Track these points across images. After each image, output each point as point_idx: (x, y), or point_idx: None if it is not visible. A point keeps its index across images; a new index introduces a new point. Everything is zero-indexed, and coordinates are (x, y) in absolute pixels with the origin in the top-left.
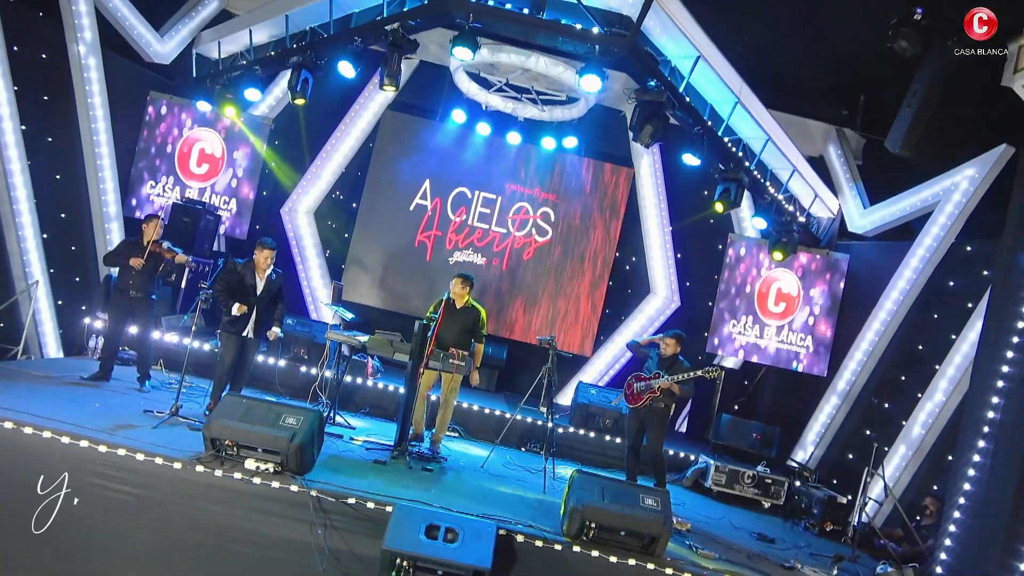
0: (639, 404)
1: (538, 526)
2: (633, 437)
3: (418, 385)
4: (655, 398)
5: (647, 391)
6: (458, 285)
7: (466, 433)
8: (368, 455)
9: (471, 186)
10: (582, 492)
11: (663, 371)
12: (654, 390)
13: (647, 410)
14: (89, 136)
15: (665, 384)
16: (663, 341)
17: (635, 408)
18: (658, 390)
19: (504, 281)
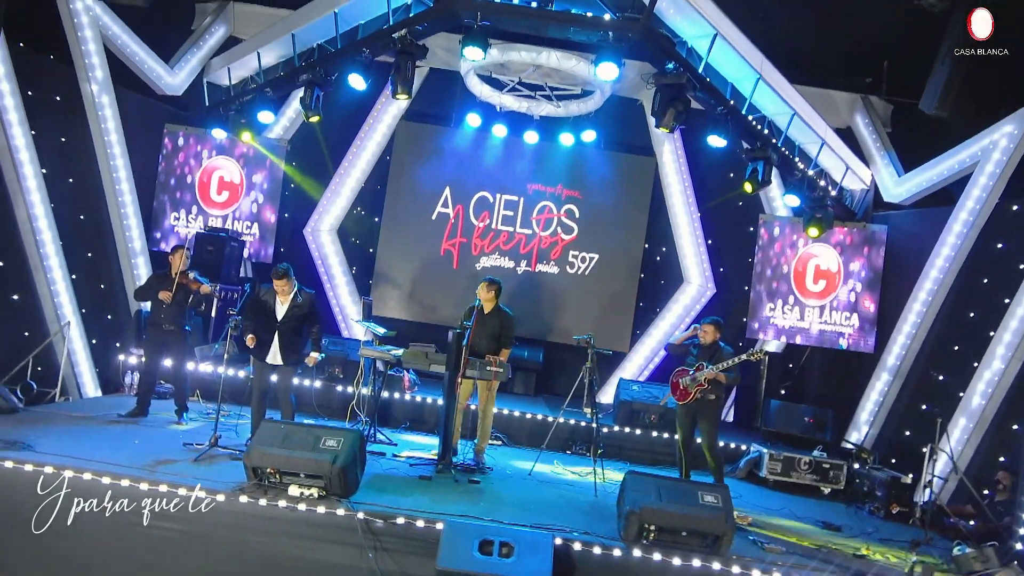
0: (688, 399)
1: (594, 532)
2: (685, 432)
3: (457, 396)
4: (703, 390)
5: (693, 385)
6: (484, 290)
7: (509, 440)
8: (412, 471)
9: (492, 189)
10: (637, 493)
11: (705, 361)
12: (700, 383)
13: (698, 404)
14: (109, 174)
15: (710, 374)
16: (700, 330)
17: (685, 404)
18: (704, 382)
19: (534, 283)
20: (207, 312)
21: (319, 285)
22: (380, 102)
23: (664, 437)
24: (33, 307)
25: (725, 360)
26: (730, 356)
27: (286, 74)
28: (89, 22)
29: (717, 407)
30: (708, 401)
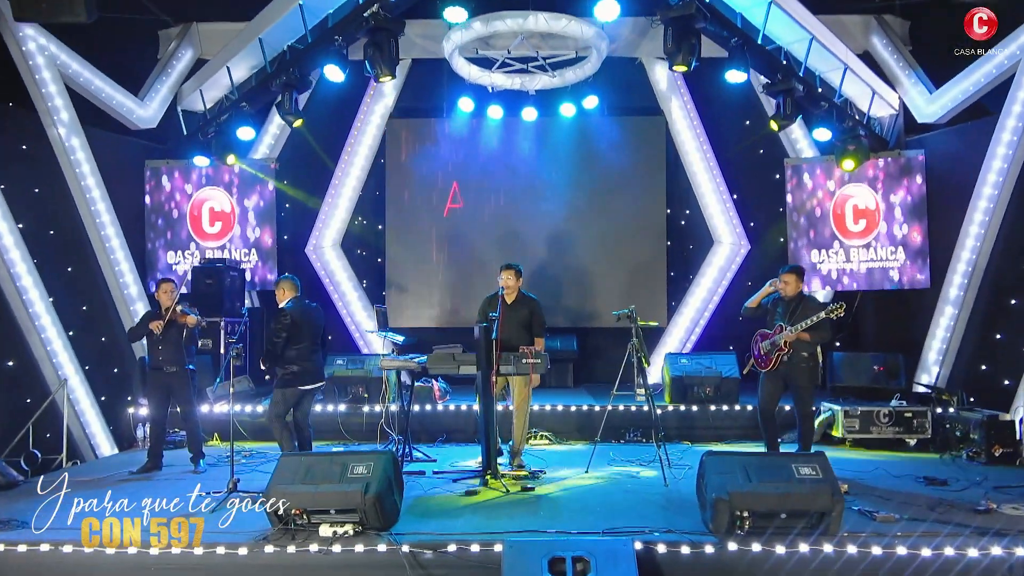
0: (771, 367)
1: (678, 529)
2: (768, 401)
3: (493, 396)
4: (787, 355)
5: (773, 350)
6: (511, 277)
7: (557, 438)
8: (457, 487)
9: (501, 176)
10: (721, 477)
11: (786, 321)
12: (780, 347)
13: (789, 370)
14: (91, 220)
15: (791, 337)
16: (780, 281)
17: (771, 371)
18: (785, 345)
19: (557, 267)
20: (215, 349)
21: (329, 304)
22: (365, 103)
23: (724, 409)
24: (31, 371)
25: (807, 318)
26: (814, 311)
27: (259, 83)
28: (46, 62)
29: (812, 370)
30: (800, 366)
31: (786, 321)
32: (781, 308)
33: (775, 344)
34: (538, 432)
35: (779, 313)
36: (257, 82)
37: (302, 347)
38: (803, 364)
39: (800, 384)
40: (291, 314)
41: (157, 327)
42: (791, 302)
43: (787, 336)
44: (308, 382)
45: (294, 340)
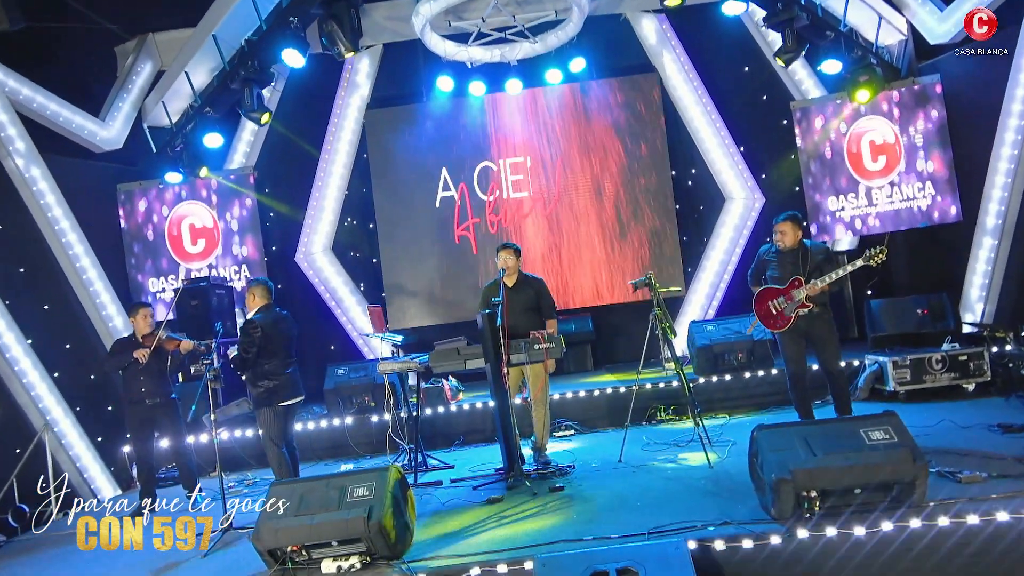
0: (790, 325)
1: (735, 519)
2: (798, 361)
3: (507, 389)
4: (807, 310)
5: (793, 307)
6: (510, 258)
7: (583, 427)
8: (478, 495)
9: (492, 157)
10: (779, 454)
11: (795, 272)
12: (802, 302)
13: (808, 324)
14: (63, 252)
15: (814, 289)
16: (776, 232)
17: (788, 330)
18: (808, 301)
19: (564, 245)
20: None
21: (328, 312)
22: (340, 96)
23: (760, 375)
24: (15, 420)
25: (833, 270)
26: (822, 253)
27: (220, 84)
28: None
29: (831, 320)
30: (818, 318)
31: (802, 273)
32: (778, 260)
33: (794, 300)
34: (562, 423)
35: (782, 266)
36: (219, 84)
37: (275, 361)
38: (824, 316)
39: (825, 337)
40: (261, 326)
41: (143, 356)
42: (790, 254)
43: (811, 289)
44: (286, 397)
45: (266, 354)
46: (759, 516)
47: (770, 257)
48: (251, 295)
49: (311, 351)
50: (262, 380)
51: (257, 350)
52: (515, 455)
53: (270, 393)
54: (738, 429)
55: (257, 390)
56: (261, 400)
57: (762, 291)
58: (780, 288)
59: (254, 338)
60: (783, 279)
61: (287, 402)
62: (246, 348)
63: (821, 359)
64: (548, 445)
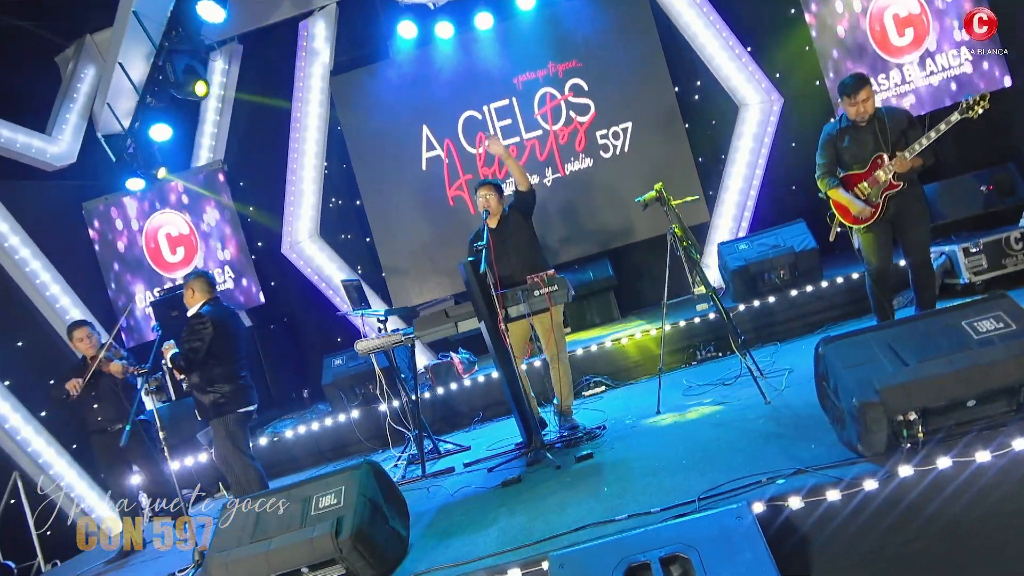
0: (877, 216)
1: (810, 465)
2: (884, 259)
3: (511, 349)
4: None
5: (879, 191)
6: (490, 195)
7: (616, 381)
8: (494, 478)
9: (475, 104)
10: (857, 369)
11: (883, 145)
12: (890, 184)
13: (898, 206)
14: (29, 283)
15: (905, 163)
16: (849, 102)
17: (878, 221)
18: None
19: (571, 189)
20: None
21: (327, 303)
22: (300, 68)
23: (808, 292)
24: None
25: (920, 136)
26: (904, 118)
27: (152, 67)
28: None
29: (923, 196)
30: (909, 195)
31: (884, 148)
32: (858, 137)
33: (880, 183)
34: (590, 380)
35: (859, 143)
36: (153, 69)
37: (228, 363)
38: (915, 191)
39: (917, 217)
40: (211, 320)
41: (74, 387)
42: (869, 124)
43: (899, 164)
44: (244, 403)
45: (217, 355)
46: (841, 456)
47: (841, 136)
48: (189, 290)
49: (315, 347)
50: (214, 385)
51: (207, 349)
52: (532, 426)
53: (227, 399)
54: (793, 354)
55: (209, 397)
56: (216, 408)
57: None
58: (860, 172)
59: (202, 334)
60: (863, 159)
61: (246, 408)
62: (193, 346)
63: (910, 246)
64: (573, 407)
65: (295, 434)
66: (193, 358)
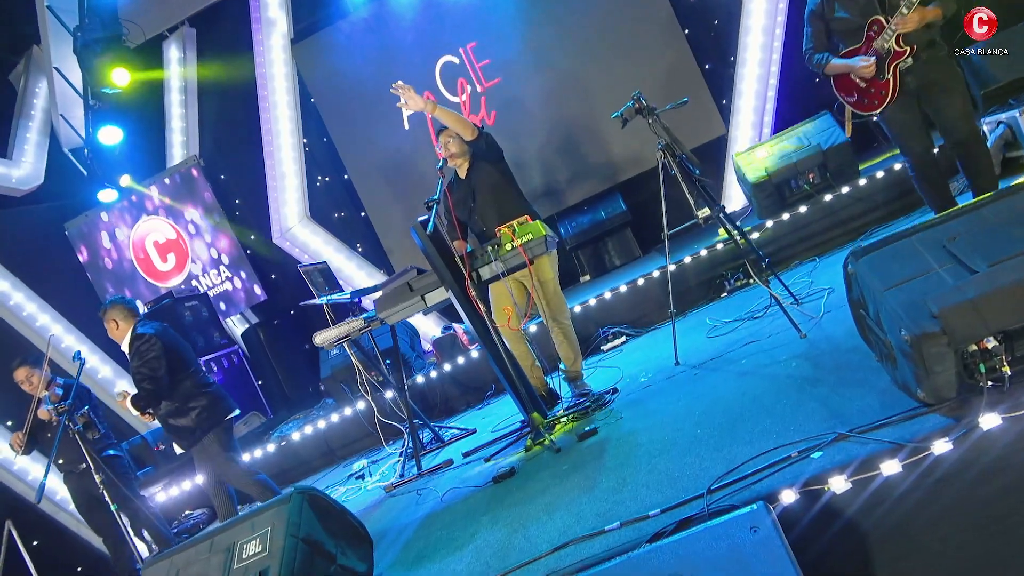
0: (894, 92)
1: (857, 428)
2: (917, 138)
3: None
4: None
5: (888, 60)
6: (452, 142)
7: (636, 330)
8: (490, 468)
9: (450, 48)
10: (905, 290)
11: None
12: (896, 51)
13: (919, 78)
14: (14, 316)
15: (910, 22)
16: None
17: (895, 101)
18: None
19: (566, 122)
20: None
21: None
22: (258, 42)
23: (844, 193)
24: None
25: None
26: None
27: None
28: None
29: (948, 59)
30: (930, 62)
31: (879, 11)
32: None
33: (884, 52)
34: (608, 332)
35: (851, 7)
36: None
37: (192, 374)
38: (937, 55)
39: (946, 86)
40: (156, 335)
41: (17, 443)
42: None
43: (902, 24)
44: (227, 409)
45: (179, 368)
46: (899, 404)
47: (829, 6)
48: (111, 323)
49: None
50: (189, 402)
51: (167, 366)
52: (529, 403)
53: (208, 411)
54: (834, 269)
55: (190, 416)
56: (202, 425)
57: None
58: (856, 47)
59: (156, 352)
60: (857, 29)
61: (230, 414)
62: (152, 369)
63: (944, 122)
64: (585, 367)
65: (302, 435)
66: (158, 383)
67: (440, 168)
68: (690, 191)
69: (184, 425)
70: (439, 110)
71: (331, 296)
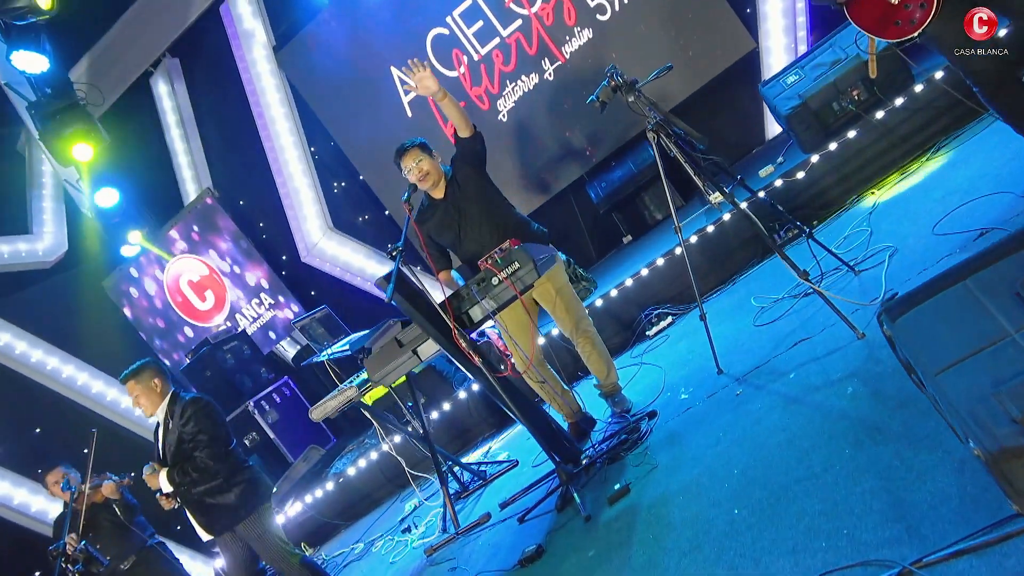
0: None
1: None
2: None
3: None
4: None
5: None
6: (423, 160)
7: (680, 306)
8: (524, 536)
9: (436, 20)
10: (964, 375)
11: None
12: None
13: None
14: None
15: None
16: None
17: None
18: None
19: (578, 74)
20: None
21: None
22: (240, 57)
23: (899, 105)
24: None
25: None
26: None
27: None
28: None
29: None
30: None
31: None
32: None
33: None
34: (652, 314)
35: None
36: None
37: (236, 447)
38: None
39: None
40: (214, 403)
41: (71, 543)
42: None
43: None
44: (269, 486)
45: (228, 440)
46: (986, 497)
47: None
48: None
49: None
50: (235, 476)
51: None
52: (553, 452)
53: (254, 486)
54: (896, 209)
55: (235, 492)
56: (247, 502)
57: None
58: None
59: (217, 415)
60: None
61: (271, 491)
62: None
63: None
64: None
65: (357, 470)
66: (223, 444)
67: (406, 199)
68: (696, 173)
69: (225, 503)
70: (448, 99)
71: (331, 352)
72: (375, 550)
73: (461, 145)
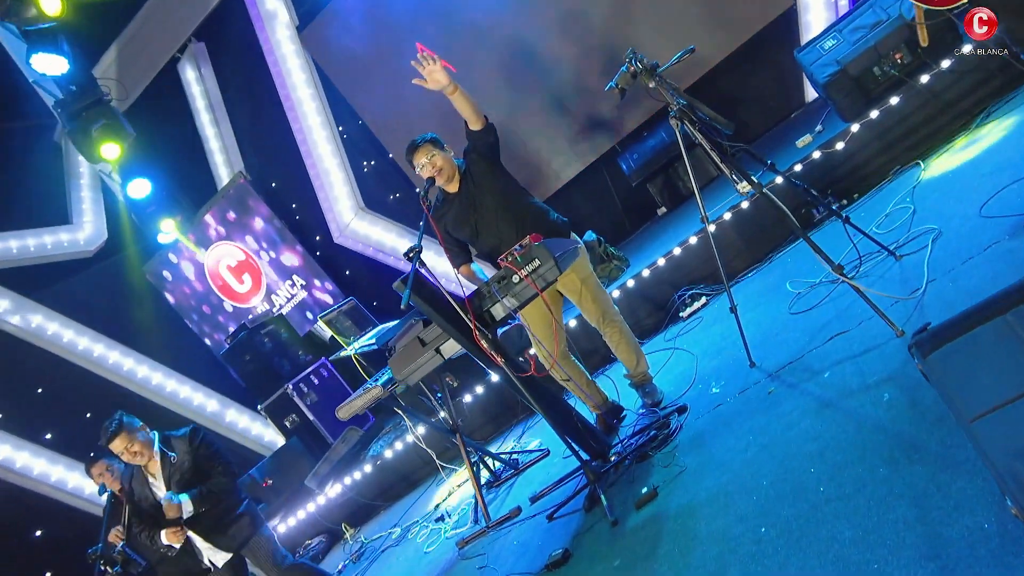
0: None
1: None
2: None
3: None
4: None
5: None
6: (436, 156)
7: (713, 286)
8: (553, 534)
9: None
10: (1008, 422)
11: None
12: None
13: None
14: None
15: None
16: None
17: None
18: None
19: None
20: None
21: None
22: (264, 39)
23: (945, 68)
24: None
25: None
26: None
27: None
28: None
29: None
30: None
31: None
32: None
33: None
34: (685, 295)
35: None
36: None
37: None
38: None
39: None
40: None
41: (117, 537)
42: None
43: None
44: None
45: None
46: None
47: None
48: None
49: None
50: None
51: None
52: (581, 452)
53: (253, 510)
54: (943, 183)
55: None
56: (252, 521)
57: None
58: None
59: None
60: None
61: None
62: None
63: None
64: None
65: (394, 452)
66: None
67: (424, 195)
68: (723, 161)
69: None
70: (459, 92)
71: (359, 346)
72: (411, 536)
73: (473, 138)
